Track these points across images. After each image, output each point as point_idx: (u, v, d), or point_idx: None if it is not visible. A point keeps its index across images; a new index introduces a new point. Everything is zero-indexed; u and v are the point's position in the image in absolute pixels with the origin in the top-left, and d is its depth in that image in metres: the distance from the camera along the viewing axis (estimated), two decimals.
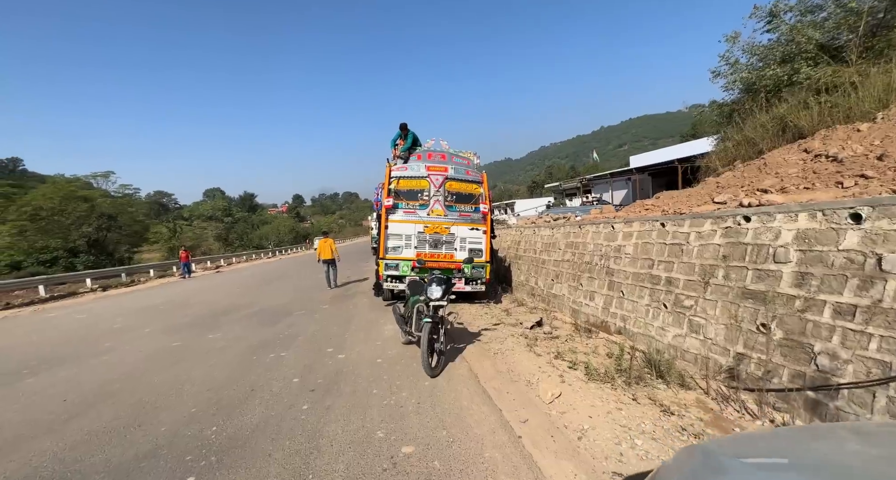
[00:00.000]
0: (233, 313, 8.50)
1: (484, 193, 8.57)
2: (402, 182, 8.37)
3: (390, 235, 8.16)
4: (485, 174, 8.76)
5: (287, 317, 7.76)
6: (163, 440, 3.02)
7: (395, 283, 8.13)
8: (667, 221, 5.64)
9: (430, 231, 8.17)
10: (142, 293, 14.03)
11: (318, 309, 8.44)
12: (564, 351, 4.83)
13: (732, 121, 9.10)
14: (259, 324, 7.20)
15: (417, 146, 9.14)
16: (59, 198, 31.50)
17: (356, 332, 6.25)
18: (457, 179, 8.48)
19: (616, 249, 6.72)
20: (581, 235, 8.09)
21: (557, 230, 9.40)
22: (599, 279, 7.00)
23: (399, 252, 8.16)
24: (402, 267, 8.02)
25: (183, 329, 7.15)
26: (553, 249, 9.31)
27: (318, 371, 4.51)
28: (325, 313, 8.03)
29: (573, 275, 8.05)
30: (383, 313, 7.77)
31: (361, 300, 9.54)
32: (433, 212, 8.23)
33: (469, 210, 8.48)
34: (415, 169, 8.44)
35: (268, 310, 8.66)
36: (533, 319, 6.57)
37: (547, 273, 9.36)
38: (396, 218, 8.18)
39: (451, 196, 8.42)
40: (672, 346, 4.94)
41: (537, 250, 10.33)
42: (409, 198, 8.32)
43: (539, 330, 6.20)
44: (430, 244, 8.19)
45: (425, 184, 8.38)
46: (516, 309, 8.07)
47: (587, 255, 7.65)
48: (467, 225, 8.36)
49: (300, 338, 6.02)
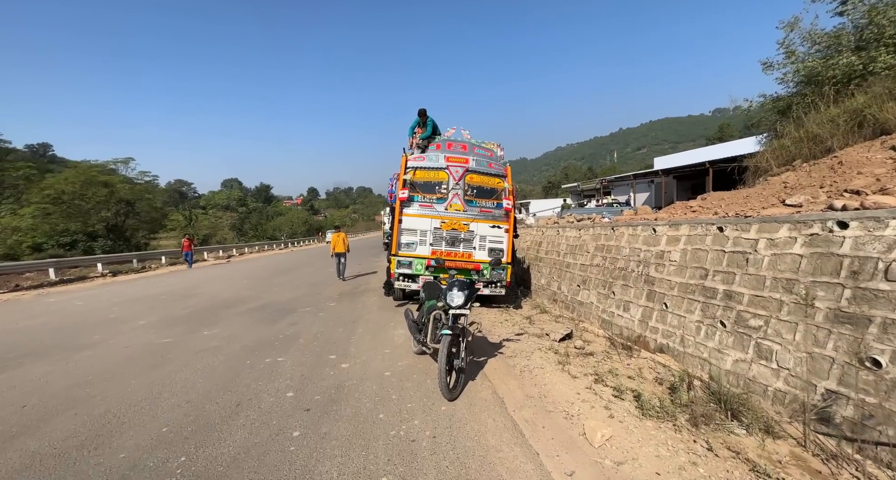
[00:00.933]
0: (235, 307, 8.01)
1: (507, 188, 7.85)
2: (418, 173, 7.71)
3: (404, 230, 7.52)
4: (509, 167, 8.04)
5: (290, 315, 7.21)
6: (115, 475, 2.44)
7: (408, 283, 7.49)
8: (726, 225, 4.84)
9: (448, 227, 7.50)
10: (149, 280, 13.77)
11: (324, 307, 7.87)
12: (603, 372, 4.11)
13: (790, 117, 8.13)
14: (260, 321, 6.67)
15: (437, 135, 8.46)
16: (81, 182, 31.91)
17: (363, 336, 5.65)
18: (478, 172, 7.78)
19: (658, 255, 5.93)
20: (614, 238, 7.30)
21: (585, 231, 8.61)
22: (636, 288, 6.23)
23: (413, 248, 7.52)
24: (415, 265, 7.38)
25: (179, 322, 6.66)
26: (580, 252, 8.54)
27: (316, 383, 3.90)
28: (331, 312, 7.46)
29: (603, 282, 7.28)
30: (394, 315, 7.15)
31: (370, 298, 8.94)
32: (451, 207, 7.55)
33: (490, 206, 7.77)
34: (433, 159, 7.77)
35: (272, 306, 8.14)
36: (560, 330, 5.85)
37: (572, 277, 8.60)
38: (411, 211, 7.53)
39: (471, 190, 7.73)
40: (732, 373, 4.17)
41: (561, 252, 9.57)
42: (426, 191, 7.65)
43: (569, 343, 5.48)
44: (446, 241, 7.53)
45: (444, 175, 7.70)
46: (539, 317, 7.35)
47: (621, 260, 6.88)
48: (488, 222, 7.66)
49: (301, 340, 5.45)
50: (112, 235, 33.84)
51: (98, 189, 32.43)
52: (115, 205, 33.38)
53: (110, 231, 33.85)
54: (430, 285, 4.83)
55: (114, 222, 33.62)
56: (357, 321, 6.64)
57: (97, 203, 32.32)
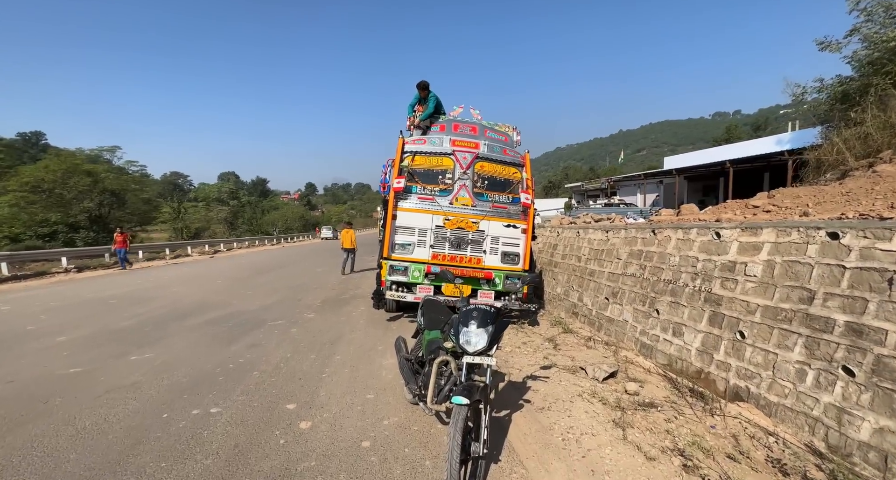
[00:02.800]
0: (192, 317, 6.61)
1: (526, 179, 6.47)
2: (418, 159, 6.33)
3: (399, 228, 6.15)
4: (527, 154, 6.66)
5: (256, 330, 5.82)
6: None
7: (403, 293, 6.12)
8: (844, 230, 3.48)
9: (453, 225, 6.12)
10: (114, 279, 12.33)
11: (300, 320, 6.49)
12: (686, 445, 2.78)
13: (862, 103, 6.76)
14: (213, 340, 5.27)
15: (441, 114, 7.08)
16: (62, 171, 30.30)
17: (340, 368, 4.26)
18: (491, 159, 6.41)
19: (726, 267, 4.60)
20: (656, 243, 5.96)
21: (615, 234, 7.26)
22: (692, 307, 4.90)
23: (409, 251, 6.15)
24: (412, 271, 6.00)
25: (110, 339, 5.26)
26: (608, 258, 7.20)
27: (252, 466, 2.51)
28: (306, 327, 6.07)
29: (642, 297, 5.94)
30: (384, 333, 5.77)
31: (358, 308, 7.56)
32: (458, 201, 6.18)
33: (505, 200, 6.40)
34: (436, 142, 6.39)
35: (237, 316, 6.75)
36: (601, 364, 4.49)
37: (597, 288, 7.25)
38: (409, 205, 6.15)
39: (482, 181, 6.36)
40: (873, 448, 2.83)
41: (582, 257, 8.22)
42: (427, 181, 6.28)
43: (615, 382, 4.12)
44: (451, 243, 6.16)
45: (449, 163, 6.33)
46: (563, 339, 6.00)
47: (667, 271, 5.54)
48: (502, 220, 6.29)
49: (256, 374, 4.07)
50: (96, 227, 32.28)
51: (81, 178, 30.84)
52: (99, 195, 31.78)
53: (94, 222, 32.29)
54: (432, 306, 3.46)
55: (97, 213, 32.04)
56: (336, 342, 5.25)
57: (80, 193, 30.75)
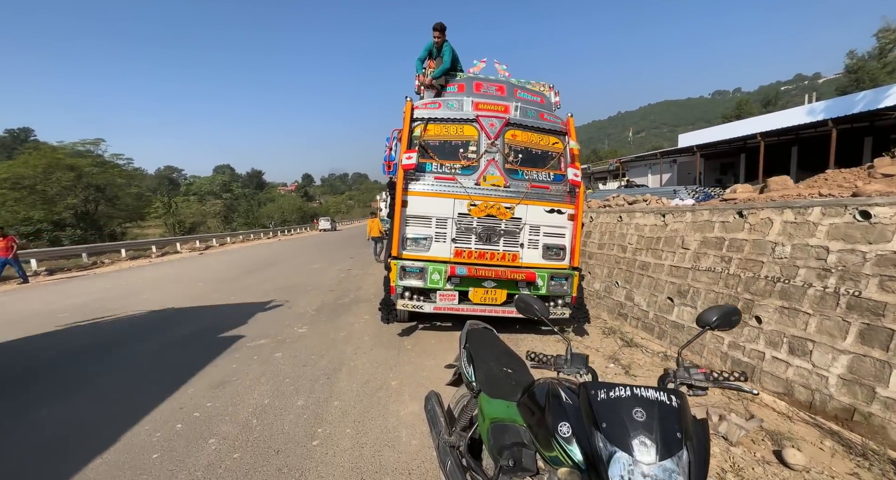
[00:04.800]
0: (152, 337, 5.23)
1: (571, 150, 5.03)
2: (432, 128, 4.90)
3: (411, 218, 4.76)
4: (571, 119, 5.19)
5: (229, 356, 4.44)
6: None
7: (419, 302, 4.75)
8: None
9: (480, 212, 4.72)
10: (82, 283, 10.96)
11: (288, 338, 5.11)
12: None
13: None
14: (165, 376, 3.83)
15: (458, 71, 5.57)
16: (43, 166, 28.64)
17: (339, 426, 2.85)
18: (525, 126, 4.97)
19: (882, 261, 3.21)
20: (748, 228, 4.57)
21: (677, 218, 5.86)
22: (825, 316, 3.55)
23: (425, 247, 4.77)
24: (430, 273, 4.62)
25: (16, 380, 3.88)
26: (667, 248, 5.82)
27: None
28: (296, 348, 4.68)
29: (729, 299, 4.58)
30: (396, 357, 4.39)
31: (360, 317, 6.19)
32: (486, 180, 4.75)
33: (545, 178, 4.98)
34: (455, 106, 4.94)
35: (211, 332, 5.38)
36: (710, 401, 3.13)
37: (654, 285, 5.89)
38: (422, 188, 4.75)
39: (515, 154, 4.93)
40: None
41: (628, 247, 6.84)
42: (445, 156, 4.86)
43: (738, 431, 2.77)
44: (478, 235, 4.77)
45: (472, 132, 4.89)
46: (631, 356, 4.67)
47: (770, 265, 4.19)
48: (543, 203, 4.89)
49: (212, 444, 2.65)
50: (83, 224, 30.78)
51: (63, 173, 29.17)
52: (84, 190, 30.15)
53: (81, 219, 30.78)
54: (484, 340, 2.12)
55: (83, 209, 30.49)
56: (334, 374, 3.85)
57: (63, 188, 29.15)
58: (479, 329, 2.33)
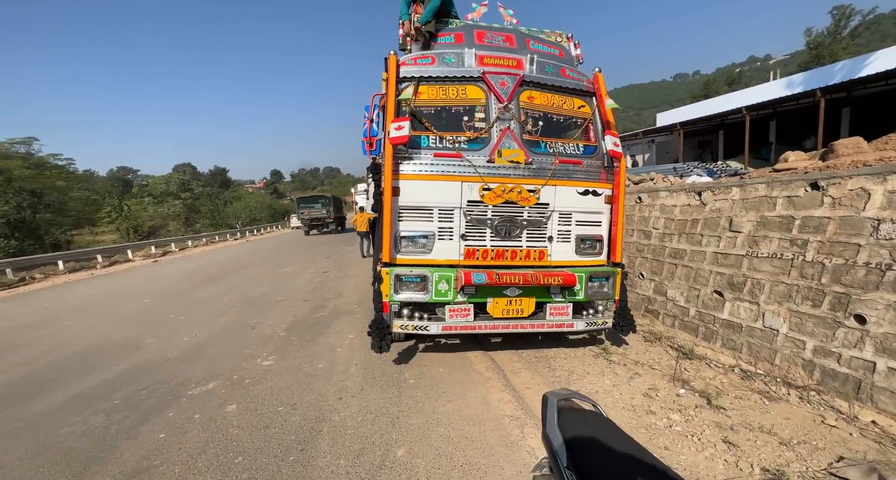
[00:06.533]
0: (56, 389, 3.82)
1: (604, 113, 3.94)
2: (425, 89, 3.70)
3: (405, 210, 3.57)
4: (599, 74, 4.09)
5: (157, 418, 3.08)
6: None
7: (421, 322, 3.59)
8: None
9: (497, 198, 3.58)
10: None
11: (247, 375, 3.82)
12: None
13: None
14: (52, 462, 2.54)
15: (453, 18, 4.33)
16: None
17: None
18: (544, 85, 3.85)
19: None
20: (829, 204, 3.67)
21: (718, 195, 4.94)
22: None
23: (426, 248, 3.61)
24: (435, 283, 3.46)
25: None
26: (708, 231, 4.92)
27: None
28: (255, 396, 3.36)
29: (811, 292, 3.68)
30: (397, 403, 3.19)
31: (343, 337, 4.95)
32: (503, 156, 3.60)
33: (574, 151, 3.87)
34: (453, 61, 3.75)
35: (140, 377, 3.99)
36: None
37: (693, 276, 4.99)
38: (417, 169, 3.55)
39: (533, 121, 3.79)
40: None
41: (653, 232, 5.92)
42: (445, 126, 3.70)
43: None
44: (495, 228, 3.63)
45: (477, 93, 3.73)
46: (700, 374, 3.68)
47: (870, 250, 3.28)
48: (574, 183, 3.79)
49: None
50: (18, 234, 27.46)
51: None
52: (16, 196, 26.79)
53: (15, 229, 27.43)
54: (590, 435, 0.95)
55: (17, 217, 27.16)
56: (312, 441, 2.59)
57: None
58: (577, 413, 1.18)
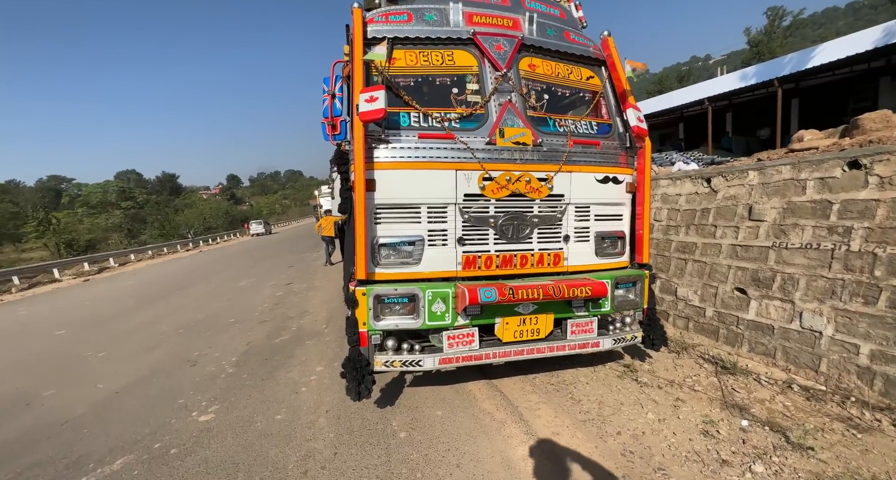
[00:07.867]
0: None
1: (620, 84, 3.27)
2: (401, 54, 2.87)
3: (384, 209, 2.72)
4: (609, 39, 3.41)
5: None
6: None
7: (413, 355, 2.73)
8: None
9: (501, 190, 2.81)
10: None
11: (175, 440, 2.77)
12: None
13: None
14: None
15: None
16: None
17: None
18: (547, 50, 3.11)
19: None
20: (879, 183, 3.19)
21: (732, 181, 4.46)
22: None
23: (413, 258, 2.78)
24: (425, 303, 2.63)
25: None
26: (722, 222, 4.43)
27: None
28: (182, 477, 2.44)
29: (860, 286, 3.19)
30: (385, 471, 2.36)
31: (309, 370, 3.99)
32: (505, 137, 2.82)
33: (590, 130, 3.16)
34: (436, 19, 2.95)
35: (24, 452, 2.91)
36: None
37: (707, 272, 4.49)
38: (398, 154, 2.71)
39: (536, 92, 3.04)
40: None
41: (655, 224, 5.39)
42: (427, 100, 2.89)
43: None
44: (498, 228, 2.84)
45: (467, 59, 2.95)
46: (742, 389, 3.08)
47: None
48: (592, 169, 3.08)
49: None
50: None
51: None
52: None
53: None
54: None
55: None
56: None
57: None
58: None
